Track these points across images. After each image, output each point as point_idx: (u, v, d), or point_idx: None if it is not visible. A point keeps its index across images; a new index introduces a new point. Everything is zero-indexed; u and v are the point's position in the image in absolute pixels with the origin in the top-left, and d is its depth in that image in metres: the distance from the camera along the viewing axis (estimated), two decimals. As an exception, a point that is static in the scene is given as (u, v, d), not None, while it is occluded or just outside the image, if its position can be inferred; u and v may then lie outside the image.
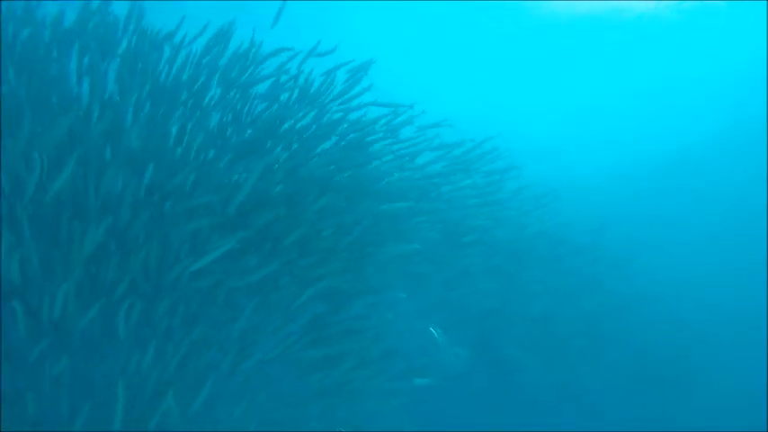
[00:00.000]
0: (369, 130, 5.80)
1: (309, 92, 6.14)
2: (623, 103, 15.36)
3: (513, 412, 11.56)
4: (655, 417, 15.66)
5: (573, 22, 13.51)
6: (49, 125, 4.64)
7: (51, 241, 4.80)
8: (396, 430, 7.21)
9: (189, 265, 4.70)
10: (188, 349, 5.75)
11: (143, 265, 4.94)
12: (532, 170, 16.80)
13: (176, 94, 5.57)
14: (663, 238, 21.22)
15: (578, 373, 12.87)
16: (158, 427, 5.79)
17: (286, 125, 5.91)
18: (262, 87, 6.11)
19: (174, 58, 5.58)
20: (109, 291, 5.09)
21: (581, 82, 14.77)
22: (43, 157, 4.61)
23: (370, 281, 6.34)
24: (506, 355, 11.10)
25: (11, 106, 4.68)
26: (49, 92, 4.95)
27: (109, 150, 5.15)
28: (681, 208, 19.55)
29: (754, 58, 13.60)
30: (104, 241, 4.99)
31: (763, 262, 20.60)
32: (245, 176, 5.18)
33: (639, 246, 20.47)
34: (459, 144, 7.62)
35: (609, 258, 13.33)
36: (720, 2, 12.59)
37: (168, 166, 5.09)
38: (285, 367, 6.75)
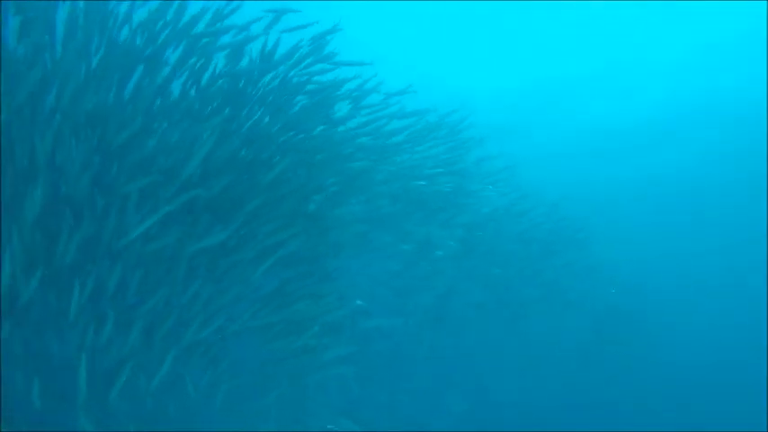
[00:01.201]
0: (331, 93, 5.68)
1: (273, 58, 5.97)
2: (592, 79, 15.58)
3: (465, 368, 11.83)
4: (609, 367, 16.46)
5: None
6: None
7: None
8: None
9: (138, 226, 4.54)
10: (148, 319, 5.63)
11: (94, 229, 4.77)
12: (498, 143, 17.02)
13: (132, 54, 5.31)
14: (621, 212, 22.04)
15: (538, 333, 13.38)
16: (121, 399, 5.70)
17: (249, 89, 5.75)
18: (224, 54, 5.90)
19: (129, 16, 5.29)
20: (60, 257, 4.89)
21: (554, 56, 14.86)
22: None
23: (333, 246, 6.32)
24: (464, 317, 11.37)
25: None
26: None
27: (57, 112, 4.90)
28: (641, 182, 20.23)
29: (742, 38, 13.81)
30: (52, 205, 4.79)
31: (717, 220, 21.43)
32: (205, 138, 5.02)
33: (598, 219, 21.21)
34: (422, 112, 7.59)
35: (567, 230, 13.73)
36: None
37: (122, 128, 4.87)
38: (250, 335, 6.72)
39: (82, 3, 5.15)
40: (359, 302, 7.52)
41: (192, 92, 5.74)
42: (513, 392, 12.98)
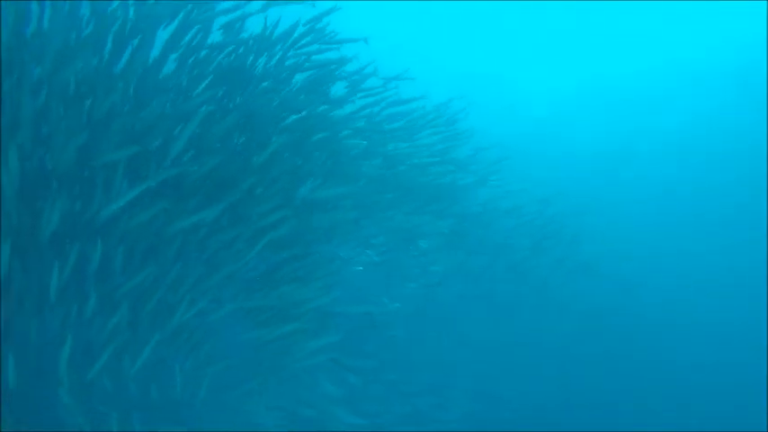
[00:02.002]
0: (329, 71, 5.57)
1: (271, 37, 5.85)
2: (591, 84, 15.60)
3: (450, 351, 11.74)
4: (599, 366, 16.57)
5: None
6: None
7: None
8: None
9: (123, 197, 4.42)
10: (133, 298, 5.52)
11: (78, 201, 4.65)
12: (495, 135, 16.94)
13: (123, 27, 5.16)
14: (618, 210, 22.12)
15: (525, 330, 13.42)
16: (103, 380, 5.59)
17: (245, 67, 5.62)
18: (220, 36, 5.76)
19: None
20: (41, 230, 4.76)
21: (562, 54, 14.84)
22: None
23: (323, 231, 6.24)
24: (452, 308, 11.35)
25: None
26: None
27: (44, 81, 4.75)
28: (638, 180, 20.31)
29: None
30: (37, 178, 4.65)
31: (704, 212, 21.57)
32: (196, 114, 4.89)
33: (593, 217, 21.28)
34: (419, 99, 7.49)
35: (559, 226, 13.72)
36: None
37: (108, 96, 4.72)
38: (236, 320, 6.63)
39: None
40: (348, 289, 7.46)
41: (186, 67, 5.61)
42: (501, 386, 13.01)
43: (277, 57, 5.80)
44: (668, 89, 15.81)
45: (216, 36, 5.84)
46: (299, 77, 5.68)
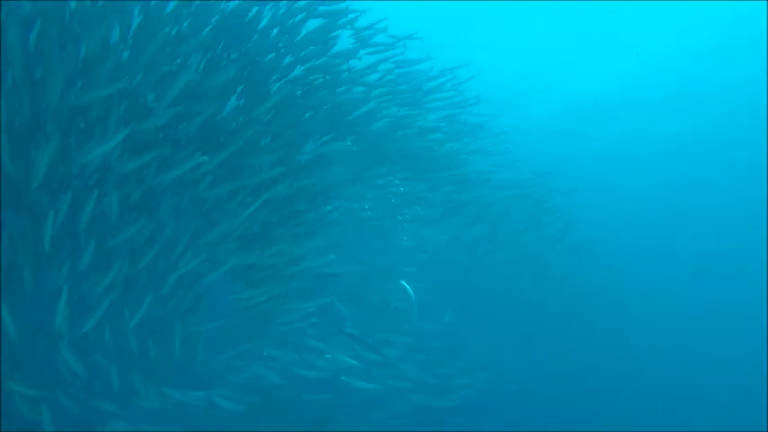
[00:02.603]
0: (334, 21, 5.28)
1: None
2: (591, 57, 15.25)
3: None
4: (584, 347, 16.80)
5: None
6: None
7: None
8: None
9: (111, 141, 4.20)
10: (129, 250, 5.36)
11: (69, 146, 4.43)
12: (496, 107, 16.62)
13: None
14: (610, 192, 22.09)
15: (520, 302, 13.49)
16: (102, 333, 5.48)
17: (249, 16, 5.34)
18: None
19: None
20: (33, 178, 4.55)
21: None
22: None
23: (320, 192, 6.07)
24: (447, 275, 11.31)
25: None
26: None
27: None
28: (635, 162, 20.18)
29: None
30: (29, 123, 4.41)
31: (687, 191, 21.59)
32: (192, 62, 4.64)
33: (589, 197, 21.22)
34: (423, 60, 7.19)
35: (553, 204, 13.62)
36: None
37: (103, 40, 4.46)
38: (230, 280, 6.51)
39: None
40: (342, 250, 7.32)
41: (185, 14, 5.31)
42: (503, 358, 13.12)
43: (284, 7, 5.51)
44: (668, 78, 15.60)
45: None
46: (305, 27, 5.41)
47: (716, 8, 12.92)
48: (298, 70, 5.32)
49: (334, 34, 5.31)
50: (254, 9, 5.38)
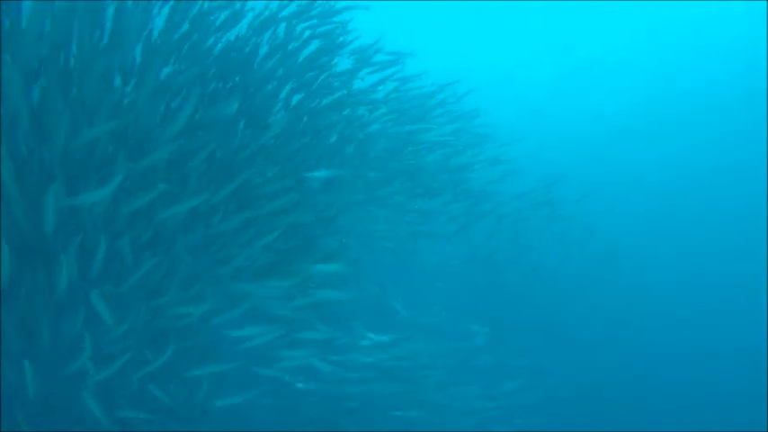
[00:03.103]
0: (331, 43, 5.26)
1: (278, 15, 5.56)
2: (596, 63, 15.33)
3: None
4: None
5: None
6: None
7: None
8: None
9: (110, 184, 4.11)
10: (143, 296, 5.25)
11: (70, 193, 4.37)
12: (496, 117, 16.63)
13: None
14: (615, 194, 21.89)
15: (536, 316, 13.18)
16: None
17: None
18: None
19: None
20: (42, 225, 4.48)
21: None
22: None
23: (330, 218, 5.95)
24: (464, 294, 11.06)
25: None
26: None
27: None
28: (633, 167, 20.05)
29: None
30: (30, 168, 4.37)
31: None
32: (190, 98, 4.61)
33: (592, 202, 21.06)
34: (421, 75, 7.17)
35: (562, 212, 13.44)
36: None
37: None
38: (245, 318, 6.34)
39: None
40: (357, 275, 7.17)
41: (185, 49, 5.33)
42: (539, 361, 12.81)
43: (281, 35, 5.52)
44: (670, 72, 15.60)
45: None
46: (303, 52, 5.40)
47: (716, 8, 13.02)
48: (299, 96, 5.30)
49: (333, 56, 5.30)
50: (253, 40, 5.40)
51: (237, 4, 5.49)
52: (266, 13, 5.69)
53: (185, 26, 5.25)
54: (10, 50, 4.38)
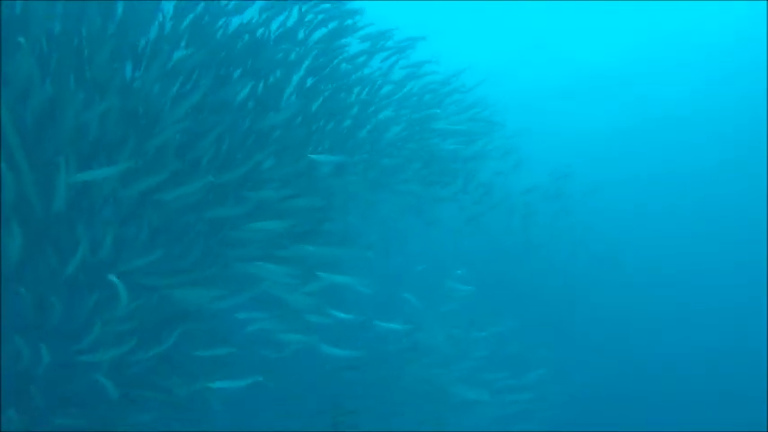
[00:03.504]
0: (343, 24, 5.18)
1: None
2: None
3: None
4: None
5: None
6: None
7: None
8: None
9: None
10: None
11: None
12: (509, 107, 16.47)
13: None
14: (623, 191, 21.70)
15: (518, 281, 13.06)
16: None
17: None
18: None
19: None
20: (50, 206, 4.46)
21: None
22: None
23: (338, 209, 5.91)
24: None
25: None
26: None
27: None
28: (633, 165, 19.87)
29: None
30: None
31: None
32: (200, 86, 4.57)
33: (600, 200, 20.89)
34: (430, 62, 7.09)
35: (570, 208, 13.35)
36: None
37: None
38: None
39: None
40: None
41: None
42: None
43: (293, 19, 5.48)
44: (673, 69, 15.47)
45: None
46: (314, 36, 5.34)
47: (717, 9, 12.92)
48: (312, 79, 5.24)
49: (344, 40, 5.24)
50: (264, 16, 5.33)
51: None
52: None
53: (199, 8, 5.22)
54: (22, 29, 4.36)
